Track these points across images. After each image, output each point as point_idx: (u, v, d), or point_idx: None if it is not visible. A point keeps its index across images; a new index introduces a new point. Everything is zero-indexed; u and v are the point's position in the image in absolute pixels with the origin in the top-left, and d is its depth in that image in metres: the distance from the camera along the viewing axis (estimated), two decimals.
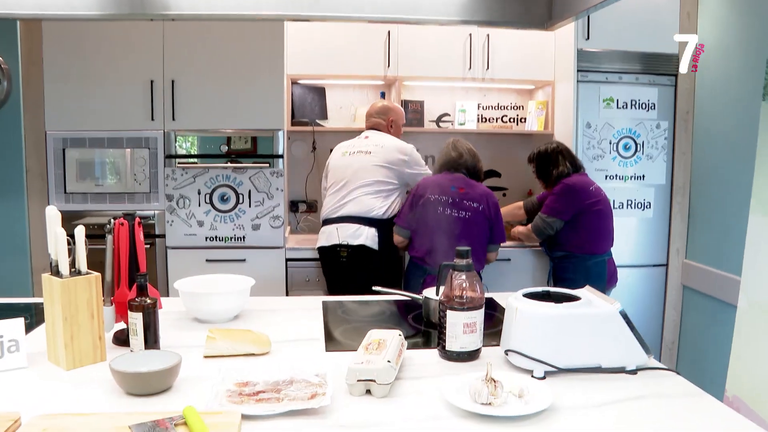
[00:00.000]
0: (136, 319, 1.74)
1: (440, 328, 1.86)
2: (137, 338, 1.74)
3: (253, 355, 1.81)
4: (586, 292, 1.90)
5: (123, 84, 3.58)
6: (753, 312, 2.73)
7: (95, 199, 3.62)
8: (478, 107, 4.50)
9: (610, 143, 4.06)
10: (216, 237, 3.69)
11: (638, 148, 4.09)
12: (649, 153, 4.11)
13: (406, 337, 1.89)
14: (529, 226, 3.67)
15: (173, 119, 3.61)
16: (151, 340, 1.76)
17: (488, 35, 4.15)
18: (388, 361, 1.57)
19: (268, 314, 2.27)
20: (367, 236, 3.49)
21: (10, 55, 3.54)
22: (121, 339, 1.90)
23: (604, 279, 3.46)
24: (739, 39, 3.58)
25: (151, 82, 3.57)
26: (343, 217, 3.54)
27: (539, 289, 1.92)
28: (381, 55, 4.07)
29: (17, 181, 3.61)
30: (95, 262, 1.79)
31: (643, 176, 4.12)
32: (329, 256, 3.56)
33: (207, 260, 3.67)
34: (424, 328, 2.20)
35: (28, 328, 2.01)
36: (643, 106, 4.09)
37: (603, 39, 3.99)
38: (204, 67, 3.61)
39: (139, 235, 1.88)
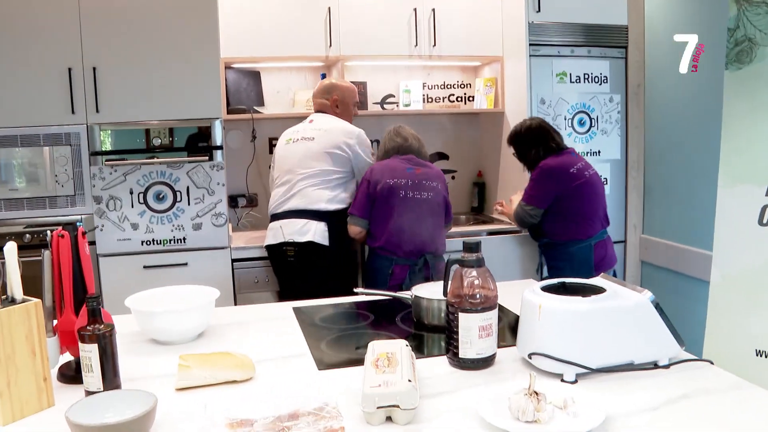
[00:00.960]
0: (90, 352, 1.41)
1: (450, 332, 1.62)
2: (93, 375, 1.42)
3: (235, 382, 1.52)
4: (606, 282, 1.70)
5: (36, 73, 3.14)
6: (726, 284, 2.64)
7: (11, 205, 3.19)
8: (424, 87, 4.27)
9: (565, 119, 3.91)
10: (153, 240, 3.32)
11: (593, 123, 3.96)
12: (604, 128, 3.98)
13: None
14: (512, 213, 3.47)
15: (97, 111, 3.20)
16: (110, 375, 1.44)
17: (433, 9, 3.91)
18: (409, 381, 1.32)
19: (236, 328, 1.97)
20: (316, 231, 3.19)
21: None
22: (69, 375, 1.57)
23: (590, 265, 3.26)
24: (690, 10, 3.49)
25: (69, 70, 3.15)
26: (289, 212, 3.23)
27: (555, 281, 1.71)
28: (321, 34, 3.76)
29: None
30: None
31: (599, 152, 3.99)
32: (277, 255, 3.27)
33: (144, 266, 3.30)
34: (415, 331, 1.96)
35: None
36: (596, 79, 3.95)
37: (553, 11, 3.82)
38: (130, 51, 3.22)
39: (84, 248, 1.55)
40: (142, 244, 3.29)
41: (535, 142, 3.36)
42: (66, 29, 3.15)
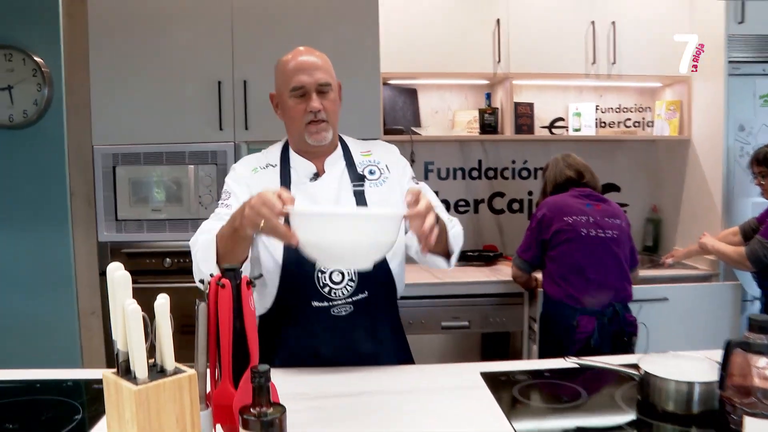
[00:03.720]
0: None
1: None
2: None
3: None
4: None
5: (184, 87, 2.94)
6: None
7: (152, 227, 2.99)
8: (596, 110, 3.79)
9: None
10: None
11: None
12: None
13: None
14: (741, 249, 2.90)
15: (246, 128, 2.96)
16: None
17: (613, 23, 3.44)
18: None
19: (412, 399, 1.58)
20: None
21: (52, 55, 2.94)
22: None
23: None
24: None
25: (219, 83, 2.93)
26: None
27: None
28: (488, 48, 3.38)
29: (60, 206, 2.98)
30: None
31: None
32: None
33: None
34: (639, 415, 1.50)
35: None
36: None
37: (761, 21, 3.25)
38: None
39: (249, 302, 1.21)
40: None
41: None
42: (218, 39, 2.94)
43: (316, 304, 1.76)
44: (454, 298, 3.07)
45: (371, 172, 1.87)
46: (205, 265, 1.61)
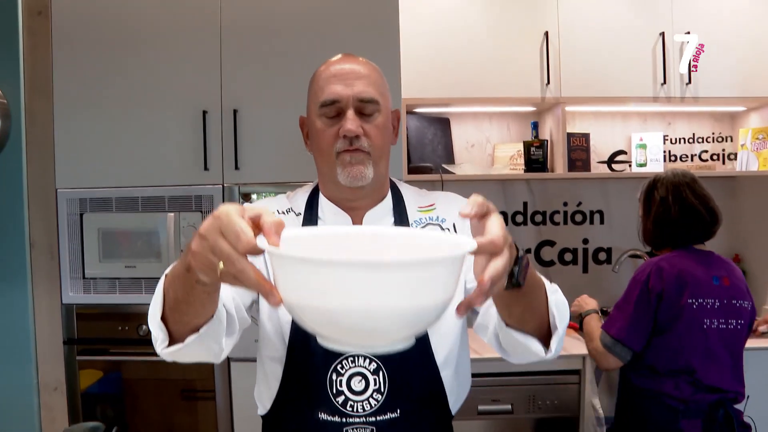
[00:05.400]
0: None
1: None
2: None
3: None
4: None
5: (163, 119, 2.45)
6: None
7: (126, 286, 2.48)
8: (665, 140, 3.18)
9: None
10: None
11: None
12: None
13: None
14: None
15: (236, 168, 2.42)
16: None
17: (688, 33, 2.86)
18: None
19: None
20: None
21: (10, 83, 2.50)
22: None
23: None
24: None
25: (204, 113, 2.42)
26: None
27: None
28: (534, 68, 2.83)
29: (17, 262, 2.51)
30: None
31: None
32: None
33: None
34: None
35: None
36: None
37: None
38: (282, 90, 2.43)
39: None
40: None
41: None
42: (203, 61, 2.44)
43: (324, 417, 1.26)
44: (493, 376, 2.47)
45: None
46: (150, 322, 1.07)
